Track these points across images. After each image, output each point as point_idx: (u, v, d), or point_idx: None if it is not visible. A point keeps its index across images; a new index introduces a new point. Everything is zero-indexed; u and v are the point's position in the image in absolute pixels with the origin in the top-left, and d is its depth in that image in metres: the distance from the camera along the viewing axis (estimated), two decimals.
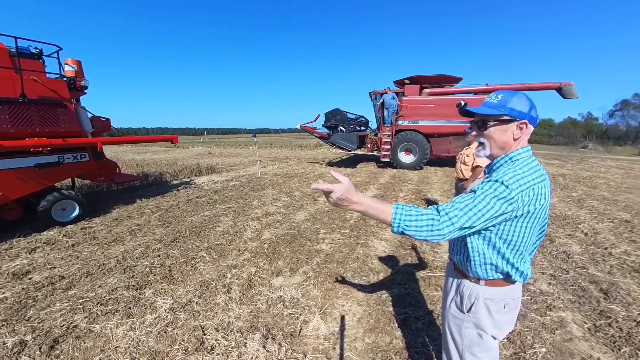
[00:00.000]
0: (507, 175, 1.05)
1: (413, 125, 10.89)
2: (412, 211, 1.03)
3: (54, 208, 4.80)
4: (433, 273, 3.24)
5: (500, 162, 1.16)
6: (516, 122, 1.10)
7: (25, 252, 3.83)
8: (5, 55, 4.29)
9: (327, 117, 11.79)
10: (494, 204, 1.01)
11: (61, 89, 4.91)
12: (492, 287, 1.19)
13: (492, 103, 1.13)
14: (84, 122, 5.33)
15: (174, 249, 3.92)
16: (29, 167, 4.48)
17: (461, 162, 4.16)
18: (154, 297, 2.81)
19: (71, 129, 5.00)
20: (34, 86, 4.52)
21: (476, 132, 1.20)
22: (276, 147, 24.99)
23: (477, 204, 1.02)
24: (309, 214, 5.48)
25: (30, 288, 2.96)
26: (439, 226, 1.00)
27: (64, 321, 2.46)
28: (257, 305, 2.69)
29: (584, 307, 2.66)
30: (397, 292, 2.87)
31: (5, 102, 4.20)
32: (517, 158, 1.12)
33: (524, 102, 1.09)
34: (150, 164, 13.20)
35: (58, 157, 4.84)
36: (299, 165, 12.60)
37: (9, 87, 4.24)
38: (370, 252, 3.82)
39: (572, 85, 9.44)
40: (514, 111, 1.09)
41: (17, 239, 4.23)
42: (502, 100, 1.11)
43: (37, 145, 4.40)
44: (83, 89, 5.58)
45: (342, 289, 2.95)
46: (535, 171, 1.07)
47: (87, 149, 5.29)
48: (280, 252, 3.81)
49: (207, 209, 5.81)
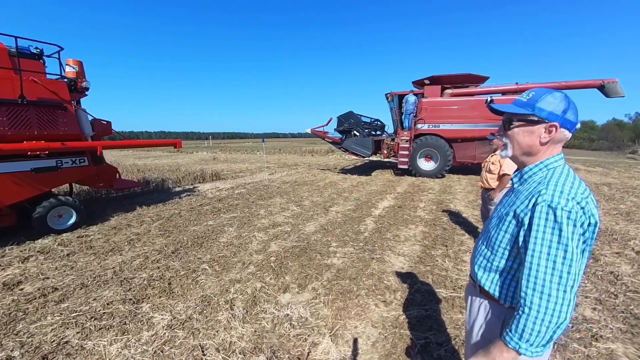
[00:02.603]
0: (550, 191, 0.98)
1: (434, 129, 10.78)
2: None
3: (50, 215, 4.91)
4: (457, 293, 3.12)
5: (533, 170, 1.10)
6: (544, 124, 1.04)
7: (18, 261, 3.91)
8: (4, 56, 4.48)
9: (339, 121, 11.82)
10: (572, 243, 0.94)
11: (61, 91, 5.09)
12: None
13: (521, 101, 1.10)
14: (84, 125, 5.49)
15: (174, 260, 3.94)
16: (26, 171, 4.62)
17: (486, 170, 4.06)
18: (152, 313, 2.81)
19: (71, 132, 5.15)
20: (34, 87, 4.69)
21: (501, 132, 1.17)
22: (285, 153, 25.18)
23: (556, 263, 0.94)
24: (320, 225, 5.44)
25: (21, 300, 3.00)
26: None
27: (54, 336, 2.47)
28: (261, 324, 2.65)
29: (637, 338, 2.49)
30: (416, 314, 2.78)
31: (3, 104, 4.37)
32: (553, 166, 1.06)
33: (559, 102, 1.03)
34: (152, 169, 13.47)
35: (56, 161, 4.98)
36: (309, 173, 12.62)
37: (7, 88, 4.41)
38: (386, 268, 3.73)
39: (616, 83, 9.17)
40: (543, 111, 1.03)
41: (10, 247, 4.33)
42: (532, 98, 1.07)
43: (35, 148, 4.55)
44: (84, 90, 5.77)
45: (355, 308, 2.88)
46: (580, 183, 1.02)
47: (86, 153, 5.44)
48: (288, 266, 3.77)
49: (210, 218, 5.85)
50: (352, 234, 4.92)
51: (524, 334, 0.95)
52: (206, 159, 20.67)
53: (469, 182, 10.04)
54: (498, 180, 3.90)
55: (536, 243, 0.97)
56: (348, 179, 10.90)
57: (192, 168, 13.53)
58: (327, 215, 6.08)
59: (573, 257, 0.93)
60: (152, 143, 8.84)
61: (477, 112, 9.99)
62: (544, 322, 0.92)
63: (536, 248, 0.97)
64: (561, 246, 0.93)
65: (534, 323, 0.94)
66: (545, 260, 0.95)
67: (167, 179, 10.26)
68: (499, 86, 10.66)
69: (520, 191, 1.11)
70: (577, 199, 0.96)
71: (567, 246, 0.93)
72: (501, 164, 3.80)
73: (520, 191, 1.11)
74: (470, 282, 1.35)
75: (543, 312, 0.93)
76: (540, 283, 0.94)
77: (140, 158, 20.87)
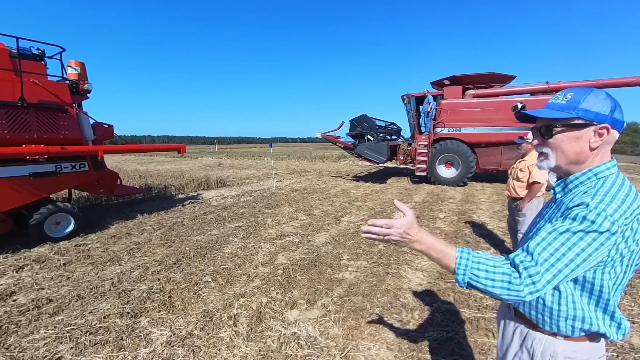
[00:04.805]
0: (597, 199, 0.92)
1: (455, 133, 10.66)
2: (481, 259, 0.96)
3: (48, 222, 5.02)
4: (482, 314, 3.03)
5: (580, 178, 1.03)
6: (593, 127, 0.98)
7: (12, 270, 3.98)
8: (5, 57, 4.66)
9: (352, 125, 11.84)
10: (589, 247, 0.89)
11: (62, 93, 5.26)
12: (575, 342, 1.06)
13: (559, 104, 1.03)
14: (85, 128, 5.64)
15: (175, 272, 3.95)
16: (24, 176, 4.75)
17: (513, 178, 3.97)
18: (150, 328, 2.81)
19: (71, 136, 5.30)
20: (34, 89, 4.85)
21: (538, 141, 1.10)
22: (294, 159, 25.33)
23: (566, 250, 0.90)
24: (330, 236, 5.40)
25: (14, 311, 3.05)
26: (517, 287, 0.90)
27: (47, 351, 2.48)
28: (267, 343, 2.62)
29: None
30: (436, 336, 2.70)
31: (3, 106, 4.53)
32: (604, 175, 0.99)
33: (604, 101, 0.98)
34: (155, 175, 13.72)
35: (55, 166, 5.12)
36: (320, 180, 12.63)
37: (7, 90, 4.58)
38: (402, 284, 3.66)
39: None
40: (590, 113, 0.97)
41: (5, 255, 4.43)
42: (573, 99, 1.01)
43: (34, 152, 4.66)
44: (86, 93, 5.94)
45: (369, 328, 2.83)
46: (635, 194, 0.96)
47: (87, 158, 5.57)
48: (296, 280, 3.74)
49: (214, 228, 5.88)
50: (366, 247, 4.86)
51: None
52: (211, 164, 20.94)
53: (494, 191, 9.85)
54: (527, 189, 3.80)
55: (555, 225, 0.95)
56: (361, 186, 10.85)
57: (196, 174, 13.71)
58: (339, 225, 6.03)
59: (580, 254, 0.89)
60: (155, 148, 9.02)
61: (502, 115, 9.84)
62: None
63: (556, 228, 0.94)
64: (577, 238, 0.90)
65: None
66: (555, 232, 0.93)
67: (169, 185, 10.41)
68: (527, 86, 10.50)
69: (562, 202, 1.05)
70: (621, 211, 0.90)
71: (583, 239, 0.89)
72: (530, 170, 3.71)
73: (562, 202, 1.05)
74: (503, 303, 1.29)
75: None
76: (538, 244, 0.94)
77: (143, 163, 21.30)
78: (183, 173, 14.44)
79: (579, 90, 1.02)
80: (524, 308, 1.13)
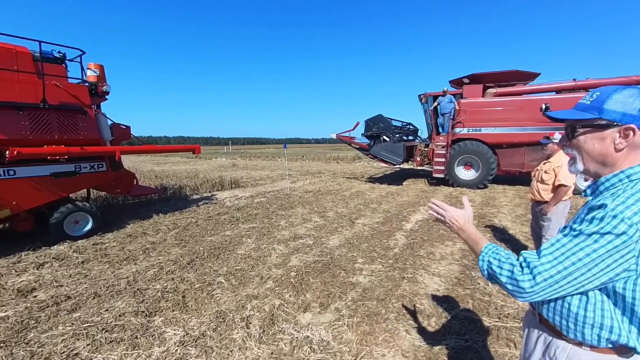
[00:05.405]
0: (617, 201, 0.89)
1: (474, 134, 10.45)
2: (500, 251, 1.06)
3: (67, 221, 5.21)
4: (503, 323, 2.95)
5: (611, 180, 0.99)
6: (617, 128, 0.95)
7: (33, 267, 4.16)
8: (28, 60, 4.87)
9: (367, 125, 11.77)
10: (605, 255, 0.86)
11: (82, 95, 5.46)
12: (601, 354, 1.01)
13: (584, 104, 1.01)
14: (103, 129, 5.84)
15: (189, 272, 4.03)
16: (45, 175, 4.95)
17: (538, 180, 3.84)
18: (164, 327, 2.87)
19: (90, 137, 5.49)
20: (56, 91, 5.06)
21: (564, 143, 1.10)
22: (308, 160, 25.40)
23: (577, 250, 0.88)
24: (345, 238, 5.38)
25: (34, 307, 3.17)
26: (518, 277, 0.95)
27: (64, 347, 2.58)
28: (279, 346, 2.63)
29: None
30: (454, 345, 2.64)
31: (26, 108, 4.74)
32: (638, 177, 0.95)
33: (632, 99, 0.94)
34: (170, 175, 14.03)
35: (75, 166, 5.31)
36: (334, 181, 12.61)
37: (30, 93, 4.79)
38: (419, 289, 3.61)
39: None
40: (613, 113, 0.94)
41: (26, 253, 4.63)
42: (597, 99, 0.98)
43: (55, 153, 4.87)
44: (104, 94, 6.13)
45: (383, 334, 2.79)
46: None
47: (105, 158, 5.76)
48: (309, 283, 3.74)
49: (228, 228, 5.97)
50: (381, 250, 4.82)
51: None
52: (225, 165, 21.25)
53: (516, 194, 9.60)
54: (552, 192, 3.67)
55: (573, 227, 0.95)
56: (376, 188, 10.77)
57: (211, 175, 13.94)
58: (353, 228, 6.01)
59: (592, 261, 0.88)
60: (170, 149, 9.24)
61: (525, 114, 9.58)
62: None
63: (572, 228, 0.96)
64: (592, 243, 0.88)
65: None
66: (570, 233, 0.95)
67: (184, 186, 10.62)
68: (553, 83, 10.19)
69: (589, 204, 1.02)
70: None
71: (600, 246, 0.86)
72: (556, 172, 3.57)
73: (589, 204, 1.02)
74: (529, 309, 1.27)
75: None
76: (549, 244, 0.96)
77: (159, 164, 21.82)
78: (198, 174, 14.70)
79: (607, 89, 0.99)
80: (548, 313, 1.09)
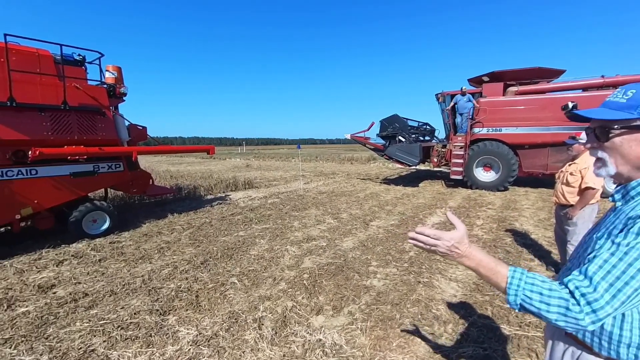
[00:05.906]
0: None
1: (494, 134, 10.22)
2: (536, 280, 0.91)
3: (85, 219, 5.40)
4: (524, 331, 2.87)
5: None
6: None
7: (53, 264, 4.31)
8: (50, 63, 5.09)
9: (382, 125, 11.69)
10: None
11: (101, 96, 5.66)
12: None
13: (617, 103, 0.95)
14: (121, 130, 6.02)
15: (203, 271, 4.09)
16: (65, 175, 5.16)
17: (562, 183, 3.71)
18: (178, 326, 2.92)
19: (108, 137, 5.67)
20: (76, 93, 5.27)
21: (593, 144, 1.01)
22: (322, 160, 25.43)
23: (635, 272, 0.81)
24: (359, 241, 5.36)
25: (54, 303, 3.29)
26: (576, 315, 0.84)
27: (82, 343, 2.66)
28: (291, 348, 2.63)
29: None
30: (471, 353, 2.59)
31: (47, 109, 4.95)
32: None
33: None
34: (185, 176, 14.29)
35: (93, 166, 5.51)
36: (348, 182, 12.57)
37: (52, 95, 5.00)
38: (435, 294, 3.55)
39: None
40: None
41: (47, 250, 4.80)
42: (635, 97, 0.91)
43: (75, 153, 5.06)
44: (122, 96, 6.31)
45: (398, 339, 2.76)
46: None
47: (122, 158, 5.95)
48: (322, 285, 3.74)
49: (241, 229, 6.03)
50: (396, 253, 4.77)
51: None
52: (239, 165, 21.50)
53: (539, 197, 9.34)
54: (579, 195, 3.54)
55: (618, 243, 0.86)
56: (392, 190, 10.68)
57: (225, 175, 14.12)
58: (367, 230, 5.98)
59: None
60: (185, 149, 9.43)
61: (549, 113, 9.30)
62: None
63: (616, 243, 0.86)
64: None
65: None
66: (616, 250, 0.85)
67: (199, 186, 10.81)
68: (579, 81, 9.87)
69: (622, 211, 0.95)
70: None
71: None
72: (583, 175, 3.44)
73: (622, 211, 0.95)
74: None
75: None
76: (597, 266, 0.86)
77: (174, 164, 22.24)
78: (212, 174, 14.91)
79: None
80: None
